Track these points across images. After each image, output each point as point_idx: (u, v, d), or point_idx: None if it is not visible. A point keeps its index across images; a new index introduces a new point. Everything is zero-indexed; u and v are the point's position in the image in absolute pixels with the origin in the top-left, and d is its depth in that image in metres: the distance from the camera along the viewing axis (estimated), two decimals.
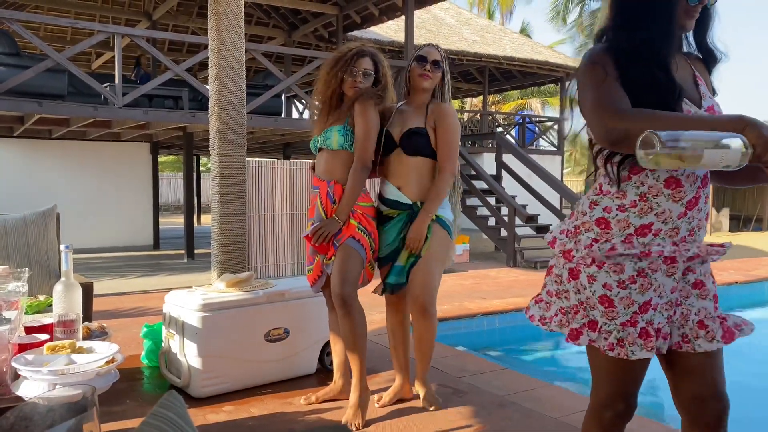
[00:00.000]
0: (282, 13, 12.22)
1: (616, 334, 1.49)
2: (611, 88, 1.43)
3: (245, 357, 3.10)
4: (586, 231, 1.53)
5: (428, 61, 2.78)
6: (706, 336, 1.52)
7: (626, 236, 1.48)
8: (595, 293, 1.51)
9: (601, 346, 1.52)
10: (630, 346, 1.49)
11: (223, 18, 3.59)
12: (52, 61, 6.98)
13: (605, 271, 1.49)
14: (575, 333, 1.57)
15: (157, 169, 11.28)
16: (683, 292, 1.56)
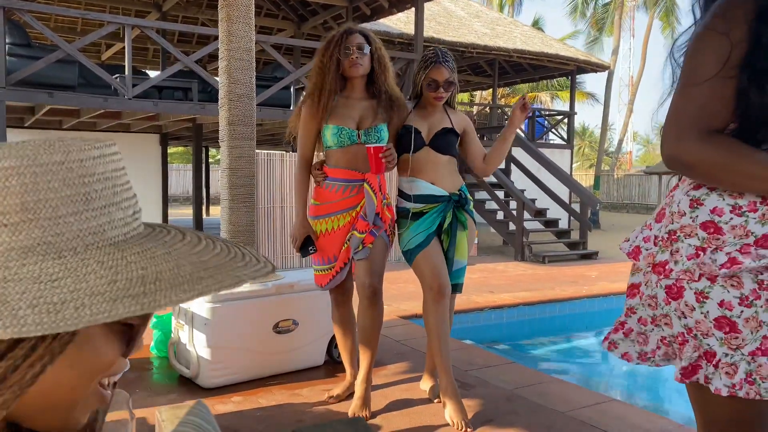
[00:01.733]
0: (291, 4, 12.20)
1: (745, 367, 1.12)
2: (717, 90, 1.09)
3: (254, 348, 3.12)
4: (686, 237, 1.17)
5: (440, 85, 2.74)
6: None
7: (742, 246, 1.12)
8: (709, 315, 1.14)
9: (720, 386, 1.14)
10: (763, 382, 1.11)
11: (234, 9, 3.58)
12: (63, 52, 7.01)
13: (720, 285, 1.13)
14: (690, 370, 1.18)
15: (167, 161, 11.32)
16: None
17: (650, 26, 25.20)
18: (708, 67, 1.10)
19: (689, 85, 1.12)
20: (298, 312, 3.26)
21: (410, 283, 2.93)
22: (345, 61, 2.66)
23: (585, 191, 10.29)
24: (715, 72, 1.09)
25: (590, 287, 6.52)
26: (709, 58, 1.10)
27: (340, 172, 2.74)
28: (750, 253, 1.11)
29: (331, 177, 2.76)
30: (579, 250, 9.56)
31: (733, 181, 1.12)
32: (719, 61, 1.08)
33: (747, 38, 1.07)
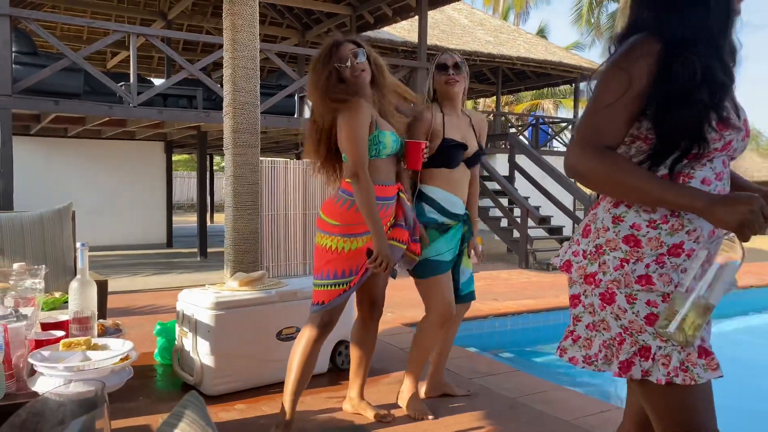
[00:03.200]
0: (296, 13, 12.25)
1: (678, 356, 1.28)
2: (614, 115, 1.29)
3: (257, 355, 3.12)
4: (611, 250, 1.34)
5: (449, 65, 2.78)
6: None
7: (658, 256, 1.30)
8: (639, 314, 1.30)
9: (659, 376, 1.29)
10: (693, 368, 1.27)
11: (238, 18, 3.61)
12: (69, 60, 7.05)
13: (645, 291, 1.30)
14: (626, 365, 1.33)
15: (171, 168, 11.35)
16: None
17: None
18: (608, 96, 1.29)
19: (592, 109, 1.32)
20: (302, 319, 3.25)
21: (414, 290, 2.91)
22: (345, 70, 2.46)
23: (589, 198, 10.27)
24: (613, 101, 1.28)
25: None
26: (610, 88, 1.30)
27: (383, 189, 2.50)
28: (663, 263, 1.29)
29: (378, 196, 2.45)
30: None
31: (616, 191, 1.31)
32: (618, 92, 1.28)
33: (646, 74, 1.27)
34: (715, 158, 1.32)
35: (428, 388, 3.11)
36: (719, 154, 1.32)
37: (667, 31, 1.29)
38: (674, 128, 1.27)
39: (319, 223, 2.54)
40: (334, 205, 2.50)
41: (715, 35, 1.29)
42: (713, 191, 1.32)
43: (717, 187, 1.33)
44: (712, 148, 1.29)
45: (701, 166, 1.32)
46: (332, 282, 2.47)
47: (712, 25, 1.28)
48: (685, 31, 1.28)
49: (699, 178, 1.31)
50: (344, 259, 2.45)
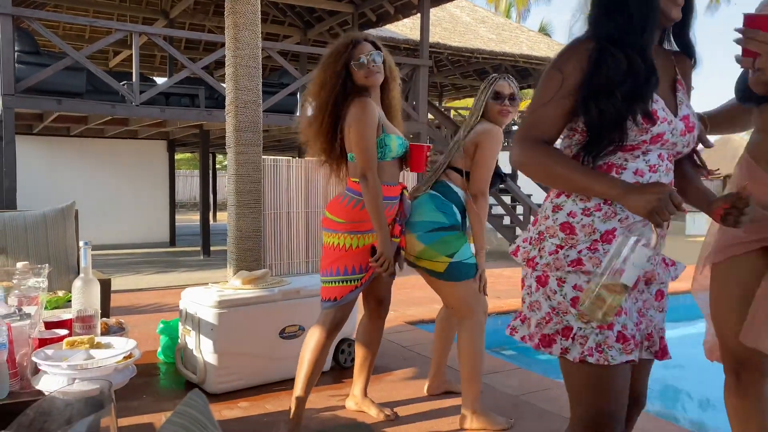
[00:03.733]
0: (297, 11, 12.24)
1: (594, 338, 1.38)
2: (548, 109, 1.42)
3: (260, 354, 3.12)
4: (550, 237, 1.45)
5: (506, 95, 2.73)
6: (646, 345, 1.52)
7: (592, 242, 1.40)
8: (566, 296, 1.41)
9: (576, 355, 1.39)
10: (609, 350, 1.37)
11: (240, 17, 3.61)
12: (71, 59, 7.06)
13: (575, 273, 1.41)
14: (547, 339, 1.44)
15: (174, 167, 11.36)
16: (647, 303, 1.51)
17: None
18: (544, 94, 1.43)
19: (531, 107, 1.45)
20: (305, 317, 3.26)
21: (417, 288, 2.92)
22: (359, 72, 2.45)
23: None
24: (548, 99, 1.42)
25: None
26: (546, 88, 1.43)
27: (388, 189, 2.52)
28: (597, 249, 1.38)
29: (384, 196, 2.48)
30: None
31: (549, 180, 1.44)
32: (552, 90, 1.41)
33: (577, 72, 1.39)
34: (650, 151, 1.41)
35: (431, 386, 3.11)
36: (654, 147, 1.41)
37: (599, 31, 1.41)
38: (596, 121, 1.38)
39: (324, 223, 2.56)
40: (340, 204, 2.52)
41: (639, 36, 1.37)
42: (647, 182, 1.39)
43: (651, 179, 1.41)
44: (640, 140, 1.38)
45: (634, 159, 1.41)
46: (342, 278, 2.49)
47: (636, 27, 1.37)
48: (613, 31, 1.38)
49: (631, 170, 1.40)
50: (352, 255, 2.47)
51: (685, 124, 1.45)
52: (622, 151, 1.40)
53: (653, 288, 1.52)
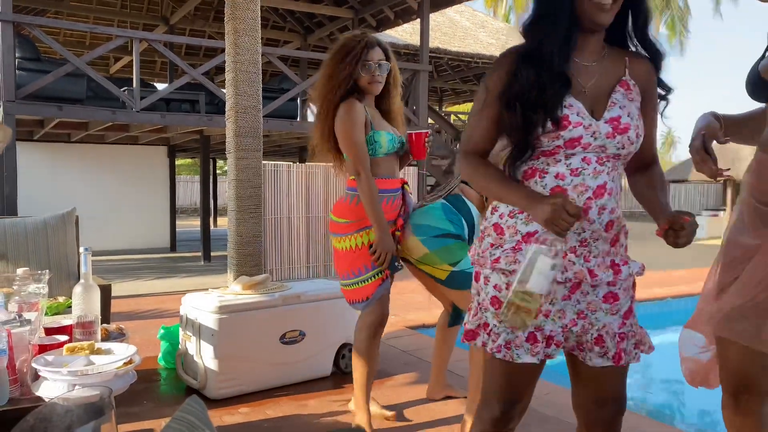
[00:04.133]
0: (297, 17, 12.27)
1: (505, 336, 1.49)
2: (478, 121, 1.53)
3: (261, 359, 3.12)
4: (487, 236, 1.56)
5: None
6: (599, 352, 1.52)
7: (516, 243, 1.49)
8: (488, 294, 1.52)
9: (490, 348, 1.52)
10: (516, 349, 1.49)
11: (240, 22, 3.62)
12: (72, 65, 7.07)
13: (496, 273, 1.50)
14: (471, 333, 1.58)
15: (174, 172, 11.37)
16: (592, 305, 1.51)
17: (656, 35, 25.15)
18: (474, 108, 1.56)
19: (472, 112, 1.58)
20: (305, 323, 3.26)
21: (417, 293, 2.91)
22: (364, 77, 2.51)
23: None
24: (477, 111, 1.54)
25: None
26: (476, 101, 1.55)
27: (385, 182, 2.57)
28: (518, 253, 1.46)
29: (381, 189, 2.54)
30: None
31: (479, 188, 1.61)
32: (480, 103, 1.53)
33: (498, 84, 1.48)
34: (574, 155, 1.45)
35: (431, 391, 3.10)
36: (577, 151, 1.45)
37: (522, 45, 1.50)
38: (508, 128, 1.48)
39: (332, 228, 2.61)
40: (343, 204, 2.60)
41: (550, 48, 1.43)
42: (568, 185, 1.45)
43: (573, 182, 1.45)
44: (554, 145, 1.44)
45: (556, 163, 1.46)
46: (366, 277, 2.55)
47: (547, 39, 1.44)
48: (530, 43, 1.47)
49: (552, 174, 1.47)
50: (366, 252, 2.53)
51: (613, 127, 1.46)
52: (544, 156, 1.47)
53: (600, 291, 1.51)
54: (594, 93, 1.48)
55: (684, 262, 10.24)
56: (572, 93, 1.46)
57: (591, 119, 1.45)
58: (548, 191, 1.45)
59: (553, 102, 1.43)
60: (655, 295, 6.57)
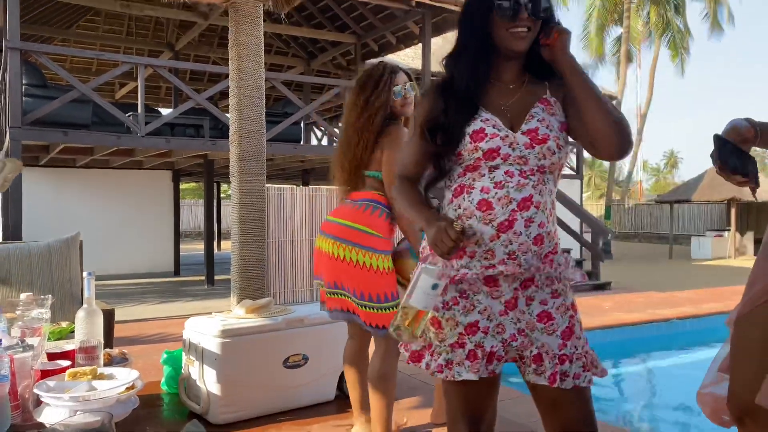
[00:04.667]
0: (301, 42, 12.42)
1: (445, 356, 1.54)
2: (408, 148, 1.70)
3: (264, 383, 3.10)
4: (424, 257, 1.61)
5: None
6: (536, 370, 1.54)
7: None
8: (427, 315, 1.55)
9: (432, 369, 1.55)
10: (457, 366, 1.52)
11: (244, 48, 3.66)
12: (78, 91, 7.16)
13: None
14: (416, 355, 1.60)
15: (179, 197, 11.42)
16: (529, 323, 1.55)
17: (656, 57, 25.33)
18: (412, 128, 1.71)
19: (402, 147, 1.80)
20: (308, 346, 3.24)
21: None
22: (398, 100, 2.56)
23: (596, 221, 10.25)
24: (407, 140, 1.71)
25: (603, 318, 6.45)
26: (410, 128, 1.73)
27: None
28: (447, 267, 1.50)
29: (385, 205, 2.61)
30: (592, 281, 9.48)
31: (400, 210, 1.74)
32: (411, 131, 1.70)
33: (422, 112, 1.64)
34: (497, 168, 1.53)
35: (436, 414, 3.07)
36: (499, 163, 1.53)
37: (442, 77, 1.64)
38: (426, 154, 1.63)
39: (366, 240, 2.52)
40: (371, 216, 2.54)
41: (464, 75, 1.57)
42: (493, 198, 1.52)
43: (497, 194, 1.52)
44: (475, 157, 1.53)
45: (480, 177, 1.54)
46: (396, 302, 2.52)
47: (463, 69, 1.58)
48: (446, 74, 1.63)
49: (478, 188, 1.54)
50: (394, 278, 2.52)
51: (531, 138, 1.54)
52: (469, 172, 1.55)
53: (534, 309, 1.54)
54: (515, 110, 1.57)
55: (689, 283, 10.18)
56: (490, 110, 1.57)
57: (508, 131, 1.54)
58: (475, 206, 1.52)
59: (457, 122, 1.55)
60: (661, 316, 6.53)
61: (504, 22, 1.51)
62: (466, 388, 1.56)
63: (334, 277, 2.61)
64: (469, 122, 1.55)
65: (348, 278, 2.55)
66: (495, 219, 1.51)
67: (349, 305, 2.59)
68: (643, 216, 24.28)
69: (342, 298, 2.61)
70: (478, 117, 1.55)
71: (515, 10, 1.49)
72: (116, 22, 12.16)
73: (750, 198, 15.89)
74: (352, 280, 2.53)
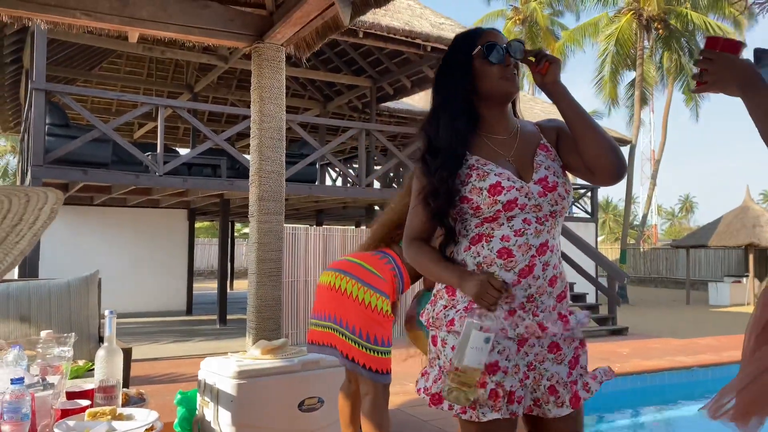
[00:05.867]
0: (317, 85, 12.64)
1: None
2: (414, 215, 1.69)
3: (279, 427, 3.04)
4: (440, 299, 1.63)
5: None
6: (556, 402, 1.57)
7: (468, 302, 1.56)
8: (447, 356, 1.55)
9: (456, 411, 1.54)
10: (481, 408, 1.52)
11: (266, 91, 3.73)
12: (99, 131, 7.29)
13: (452, 334, 1.56)
14: (437, 398, 1.58)
15: (194, 236, 11.49)
16: (539, 356, 1.59)
17: (669, 101, 25.49)
18: (411, 202, 1.70)
19: (412, 204, 1.70)
20: (324, 389, 3.20)
21: None
22: None
23: (612, 265, 10.16)
24: (412, 206, 1.69)
25: (623, 364, 6.32)
26: (415, 185, 1.69)
27: None
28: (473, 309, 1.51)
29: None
30: (608, 326, 9.33)
31: (422, 272, 1.72)
32: (414, 195, 1.68)
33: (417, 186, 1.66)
34: (515, 217, 1.57)
35: None
36: (517, 213, 1.57)
37: (422, 146, 1.67)
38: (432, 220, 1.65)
39: (359, 273, 2.56)
40: (380, 261, 2.61)
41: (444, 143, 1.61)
42: (513, 246, 1.56)
43: (518, 242, 1.56)
44: (494, 210, 1.56)
45: (500, 226, 1.57)
46: (390, 348, 2.56)
47: (441, 137, 1.62)
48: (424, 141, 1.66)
49: (498, 237, 1.57)
50: (390, 323, 2.55)
51: (543, 186, 1.59)
52: (487, 222, 1.58)
53: (545, 341, 1.59)
54: (518, 160, 1.63)
55: (708, 329, 10.01)
56: (499, 163, 1.61)
57: (521, 182, 1.59)
58: (495, 254, 1.56)
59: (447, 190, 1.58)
60: (681, 363, 6.39)
61: (494, 69, 1.58)
62: (489, 429, 1.55)
63: (332, 310, 2.60)
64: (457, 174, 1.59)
65: (346, 312, 2.54)
66: (516, 266, 1.55)
67: (336, 341, 2.57)
68: (659, 261, 24.04)
69: (331, 333, 2.59)
70: (491, 172, 1.59)
71: (501, 53, 1.58)
72: (137, 65, 12.46)
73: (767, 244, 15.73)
74: (351, 315, 2.54)
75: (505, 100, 1.65)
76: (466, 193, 1.58)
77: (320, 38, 3.89)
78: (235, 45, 4.01)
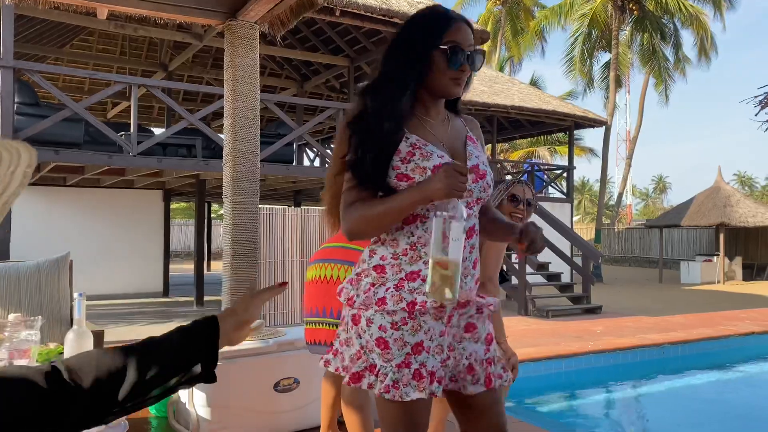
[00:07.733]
0: (295, 64, 12.50)
1: (392, 376, 1.53)
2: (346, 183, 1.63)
3: (255, 407, 3.06)
4: (365, 277, 1.61)
5: (521, 200, 2.77)
6: (472, 379, 1.62)
7: (399, 280, 1.57)
8: (372, 336, 1.56)
9: (378, 389, 1.54)
10: (404, 387, 1.53)
11: (239, 70, 3.67)
12: (70, 110, 7.14)
13: (380, 313, 1.55)
14: (357, 376, 1.59)
15: (169, 217, 11.37)
16: (456, 336, 1.63)
17: (647, 82, 25.71)
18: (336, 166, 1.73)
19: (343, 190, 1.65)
20: (300, 370, 3.21)
21: None
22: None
23: (587, 245, 10.29)
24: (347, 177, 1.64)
25: (596, 342, 6.44)
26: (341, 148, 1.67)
27: None
28: (403, 287, 1.54)
29: None
30: (583, 304, 9.48)
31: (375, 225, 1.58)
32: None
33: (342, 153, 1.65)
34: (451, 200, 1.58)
35: None
36: None
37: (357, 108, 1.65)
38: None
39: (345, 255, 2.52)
40: None
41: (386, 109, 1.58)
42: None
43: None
44: None
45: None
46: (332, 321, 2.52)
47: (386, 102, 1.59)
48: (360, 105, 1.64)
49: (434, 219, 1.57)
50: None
51: (476, 173, 1.63)
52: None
53: (462, 322, 1.64)
54: (451, 147, 1.65)
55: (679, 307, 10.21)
56: (436, 145, 1.61)
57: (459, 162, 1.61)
58: (430, 233, 1.54)
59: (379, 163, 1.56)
60: (652, 341, 6.53)
61: (448, 69, 1.59)
62: (410, 409, 1.56)
63: (319, 303, 2.52)
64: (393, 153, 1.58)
65: (331, 300, 2.43)
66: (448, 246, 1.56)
67: (328, 337, 2.47)
68: (633, 240, 24.41)
69: (327, 329, 2.52)
70: (434, 153, 1.58)
71: (461, 62, 1.59)
72: (110, 42, 12.21)
73: (738, 223, 16.04)
74: (336, 301, 2.44)
75: (447, 97, 1.67)
76: (408, 171, 1.56)
77: (295, 16, 3.83)
78: (208, 22, 3.93)
